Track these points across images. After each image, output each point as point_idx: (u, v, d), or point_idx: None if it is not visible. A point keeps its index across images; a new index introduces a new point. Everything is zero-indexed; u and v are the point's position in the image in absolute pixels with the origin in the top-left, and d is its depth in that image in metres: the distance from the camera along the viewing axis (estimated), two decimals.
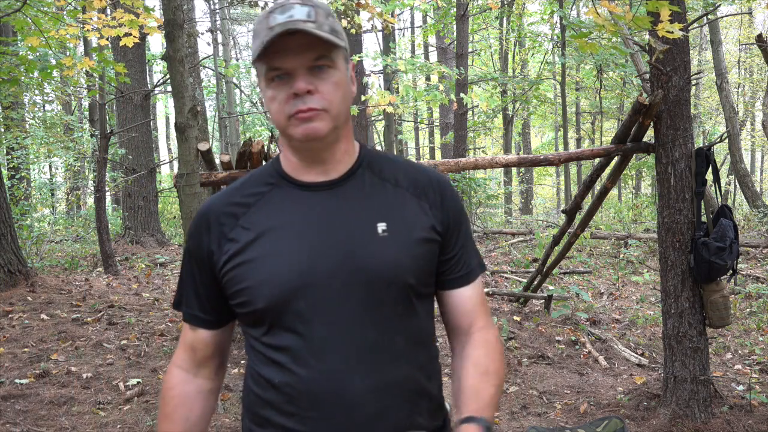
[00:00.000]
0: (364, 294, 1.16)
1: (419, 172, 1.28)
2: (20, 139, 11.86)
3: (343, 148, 1.23)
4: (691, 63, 3.61)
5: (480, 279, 1.31)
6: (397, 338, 1.18)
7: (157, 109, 22.17)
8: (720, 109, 14.69)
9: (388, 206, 1.21)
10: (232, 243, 1.20)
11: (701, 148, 3.44)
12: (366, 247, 1.16)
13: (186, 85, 3.60)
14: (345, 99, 1.18)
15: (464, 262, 1.27)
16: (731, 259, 3.38)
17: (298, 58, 1.13)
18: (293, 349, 1.16)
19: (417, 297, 1.21)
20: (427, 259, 1.21)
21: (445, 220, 1.24)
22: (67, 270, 8.18)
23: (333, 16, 1.17)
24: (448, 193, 1.27)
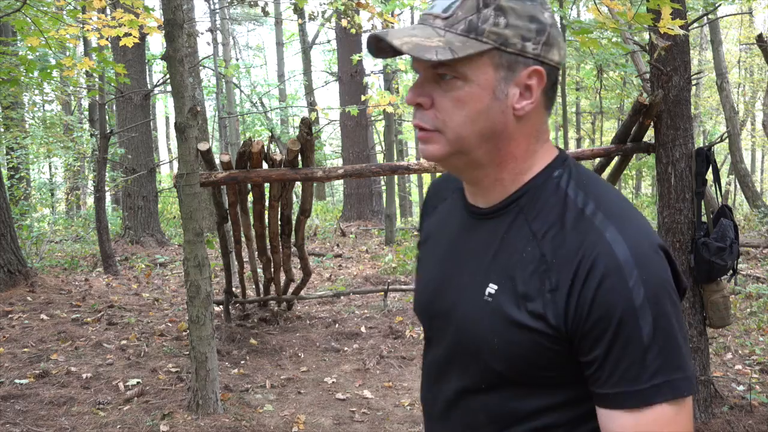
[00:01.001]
0: (453, 351, 1.02)
1: (580, 233, 0.90)
2: (20, 139, 11.86)
3: (493, 176, 0.97)
4: (691, 63, 3.61)
5: (655, 410, 0.87)
6: (477, 409, 1.00)
7: (157, 109, 22.18)
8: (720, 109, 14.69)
9: (511, 266, 0.94)
10: (422, 232, 1.18)
11: (701, 148, 3.44)
12: (467, 305, 0.99)
13: (186, 85, 3.60)
14: (476, 120, 0.92)
15: (613, 377, 0.87)
16: (731, 259, 3.38)
17: (420, 62, 0.93)
18: (423, 356, 1.17)
19: (516, 384, 0.96)
20: (527, 348, 0.92)
21: (573, 314, 0.88)
22: (67, 270, 8.18)
23: (495, 4, 0.90)
24: (597, 278, 0.87)
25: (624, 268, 0.86)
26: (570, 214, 0.93)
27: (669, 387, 0.87)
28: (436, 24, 0.91)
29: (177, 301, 6.44)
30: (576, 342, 0.90)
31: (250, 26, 24.15)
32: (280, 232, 5.06)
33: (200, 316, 3.63)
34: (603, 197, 0.94)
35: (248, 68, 18.88)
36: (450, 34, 0.90)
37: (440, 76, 0.92)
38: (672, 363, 0.87)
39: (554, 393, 0.95)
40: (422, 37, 0.90)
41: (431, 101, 0.94)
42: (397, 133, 15.08)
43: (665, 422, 0.87)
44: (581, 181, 0.96)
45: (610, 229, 0.89)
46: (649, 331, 0.86)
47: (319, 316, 5.97)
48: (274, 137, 4.57)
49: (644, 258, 0.88)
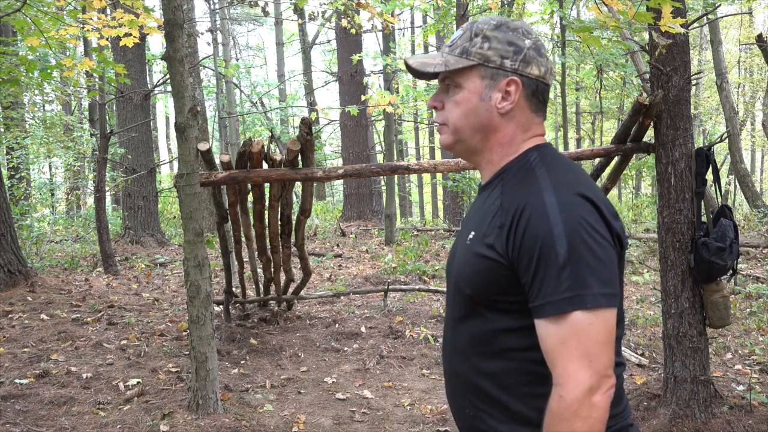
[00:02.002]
0: (451, 290, 1.34)
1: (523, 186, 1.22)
2: (20, 139, 11.86)
3: (487, 158, 1.32)
4: (691, 63, 3.61)
5: (572, 317, 1.10)
6: (462, 337, 1.29)
7: (157, 109, 22.17)
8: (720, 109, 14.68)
9: (483, 217, 1.26)
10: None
11: (701, 148, 3.44)
12: (459, 250, 1.32)
13: (186, 85, 3.60)
14: (467, 115, 1.28)
15: (540, 292, 1.13)
16: (731, 259, 3.38)
17: (429, 75, 1.33)
18: None
19: (483, 307, 1.23)
20: (484, 275, 1.20)
21: (512, 246, 1.16)
22: (67, 270, 8.18)
23: (484, 35, 1.27)
24: (526, 216, 1.15)
25: (548, 208, 1.14)
26: (526, 175, 1.24)
27: (578, 299, 1.10)
28: (444, 51, 1.31)
29: (177, 301, 6.44)
30: (515, 267, 1.16)
31: (250, 26, 24.14)
32: (280, 232, 5.06)
33: (200, 316, 3.63)
34: (555, 165, 1.25)
35: (248, 68, 18.86)
36: (449, 56, 1.29)
37: (447, 87, 1.32)
38: (581, 281, 1.10)
39: (514, 318, 1.20)
40: (430, 59, 1.31)
41: (442, 104, 1.33)
42: (397, 133, 15.08)
43: (579, 328, 1.10)
44: (546, 159, 1.26)
45: (545, 182, 1.19)
46: (564, 255, 1.11)
47: (319, 316, 5.97)
48: (274, 137, 4.57)
49: (566, 202, 1.15)
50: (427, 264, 8.20)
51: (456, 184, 10.94)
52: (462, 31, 1.30)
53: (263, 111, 18.38)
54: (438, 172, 4.34)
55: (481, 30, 1.27)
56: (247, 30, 25.21)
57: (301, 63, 19.91)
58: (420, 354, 4.90)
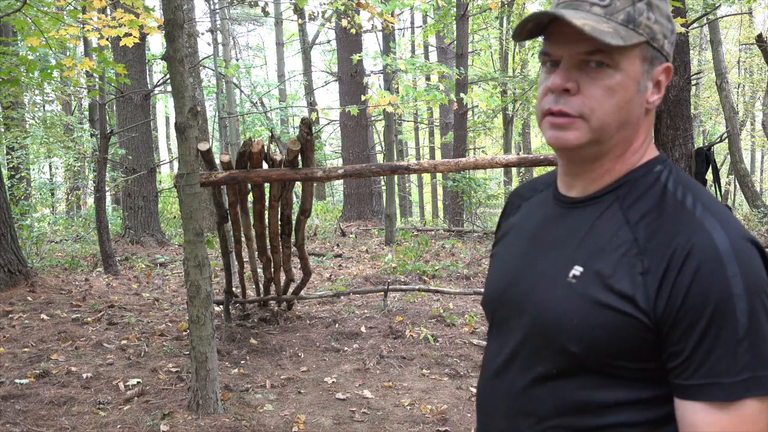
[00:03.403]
0: (526, 334, 1.01)
1: (678, 222, 0.91)
2: (20, 139, 11.87)
3: (607, 166, 0.99)
4: (691, 63, 3.61)
5: (744, 405, 0.85)
6: (543, 398, 0.98)
7: (157, 109, 22.18)
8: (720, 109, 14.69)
9: (598, 250, 0.95)
10: (500, 231, 1.21)
11: (701, 148, 3.44)
12: (548, 287, 0.99)
13: (186, 85, 3.60)
14: (621, 109, 0.94)
15: (703, 368, 0.86)
16: None
17: (568, 47, 0.93)
18: (485, 350, 1.14)
19: (590, 371, 0.93)
20: (607, 331, 0.90)
21: (666, 301, 0.87)
22: (67, 270, 8.18)
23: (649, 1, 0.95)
24: (693, 266, 0.86)
25: (723, 257, 0.86)
26: (669, 203, 0.94)
27: (757, 383, 0.85)
28: (594, 11, 0.92)
29: (177, 301, 6.44)
30: (665, 329, 0.88)
31: (250, 26, 24.15)
32: (280, 232, 5.06)
33: (200, 316, 3.63)
34: (701, 193, 0.95)
35: (248, 68, 18.86)
36: (613, 23, 0.92)
37: (589, 64, 0.93)
38: (762, 359, 0.85)
39: (631, 388, 0.92)
40: (593, 21, 0.90)
41: (578, 87, 0.94)
42: (397, 133, 15.09)
43: (750, 419, 0.85)
44: (681, 178, 0.98)
45: (710, 220, 0.90)
46: (744, 324, 0.85)
47: (319, 316, 5.97)
48: (274, 137, 4.58)
49: (744, 251, 0.88)
50: (427, 264, 8.20)
51: (456, 184, 10.95)
52: None
53: (263, 111, 18.39)
54: (438, 172, 4.34)
55: None
56: (247, 30, 25.22)
57: (301, 63, 19.92)
58: (420, 354, 4.90)
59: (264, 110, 18.55)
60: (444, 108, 14.15)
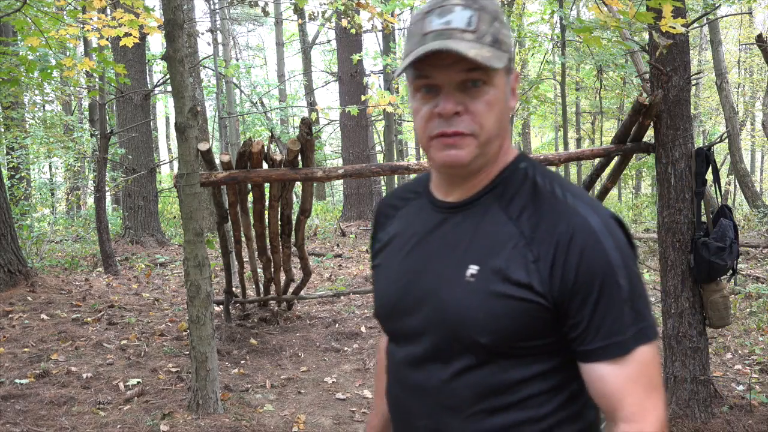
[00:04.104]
0: (435, 335, 1.08)
1: (555, 212, 1.03)
2: (20, 139, 11.86)
3: (486, 170, 1.09)
4: (691, 63, 3.61)
5: (637, 354, 1.00)
6: (462, 390, 1.06)
7: (157, 109, 22.17)
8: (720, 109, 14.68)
9: (490, 246, 1.04)
10: (378, 243, 1.26)
11: (701, 148, 3.44)
12: (447, 289, 1.06)
13: (186, 85, 3.60)
14: (498, 119, 1.05)
15: (600, 333, 0.99)
16: (731, 259, 3.38)
17: (449, 72, 1.01)
18: (389, 361, 1.20)
19: (499, 356, 1.03)
20: (511, 318, 1.00)
21: (560, 281, 0.99)
22: (67, 270, 8.18)
23: (500, 18, 1.04)
24: (578, 248, 0.99)
25: (600, 236, 1.00)
26: (542, 196, 1.05)
27: (643, 333, 1.00)
28: (466, 37, 1.00)
29: (177, 301, 6.44)
30: (564, 306, 1.00)
31: (250, 26, 24.14)
32: (280, 232, 5.06)
33: (200, 316, 3.63)
34: (566, 184, 1.08)
35: (248, 68, 18.85)
36: (486, 46, 1.01)
37: (466, 84, 1.02)
38: (642, 314, 1.01)
39: (534, 363, 1.04)
40: (477, 49, 0.99)
41: (465, 108, 1.02)
42: (397, 133, 15.08)
43: (645, 362, 1.01)
44: (545, 172, 1.10)
45: (581, 206, 1.03)
46: (626, 288, 1.00)
47: (319, 316, 5.97)
48: (274, 137, 4.57)
49: (612, 227, 1.02)
50: None
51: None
52: (473, 11, 1.01)
53: (263, 111, 18.38)
54: None
55: (497, 12, 1.03)
56: (247, 30, 25.22)
57: (301, 63, 19.91)
58: None
59: (264, 110, 18.55)
60: None
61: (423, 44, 1.01)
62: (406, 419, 1.15)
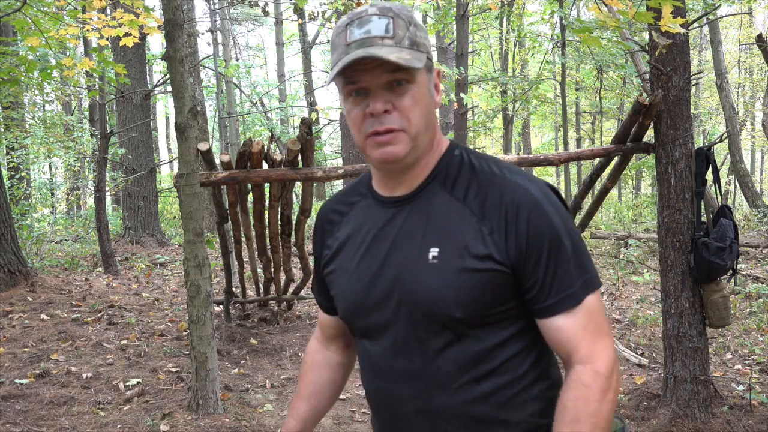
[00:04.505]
0: (410, 321, 1.15)
1: (498, 187, 1.13)
2: (20, 139, 11.86)
3: (423, 162, 1.18)
4: (691, 63, 3.61)
5: (585, 303, 1.12)
6: (446, 366, 1.14)
7: (157, 109, 22.17)
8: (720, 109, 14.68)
9: (445, 228, 1.13)
10: (328, 249, 1.31)
11: (701, 148, 3.44)
12: (414, 274, 1.13)
13: (186, 85, 3.60)
14: (425, 113, 1.14)
15: (553, 289, 1.11)
16: (731, 259, 3.38)
17: (374, 76, 1.10)
18: (363, 358, 1.27)
19: (474, 327, 1.12)
20: (481, 290, 1.10)
21: (514, 248, 1.10)
22: (67, 270, 8.18)
23: (414, 23, 1.13)
24: (525, 216, 1.10)
25: (541, 202, 1.11)
26: (483, 175, 1.15)
27: (589, 283, 1.13)
28: (386, 43, 1.09)
29: (177, 301, 6.44)
30: (519, 270, 1.11)
31: (250, 26, 24.14)
32: (280, 232, 5.06)
33: (200, 316, 3.63)
34: (499, 162, 1.19)
35: (248, 68, 18.85)
36: (405, 49, 1.10)
37: (392, 84, 1.11)
38: (585, 266, 1.13)
39: (505, 328, 1.14)
40: (396, 53, 1.08)
41: (392, 106, 1.11)
42: None
43: (592, 309, 1.12)
44: (477, 154, 1.20)
45: (519, 178, 1.14)
46: (569, 245, 1.12)
47: None
48: (274, 137, 4.57)
49: (549, 194, 1.14)
50: None
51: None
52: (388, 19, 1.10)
53: (263, 111, 18.38)
54: None
55: (411, 18, 1.13)
56: (247, 30, 25.21)
57: (301, 63, 19.91)
58: None
59: (264, 110, 18.55)
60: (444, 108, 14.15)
61: (347, 53, 1.09)
62: (394, 408, 1.20)
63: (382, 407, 1.24)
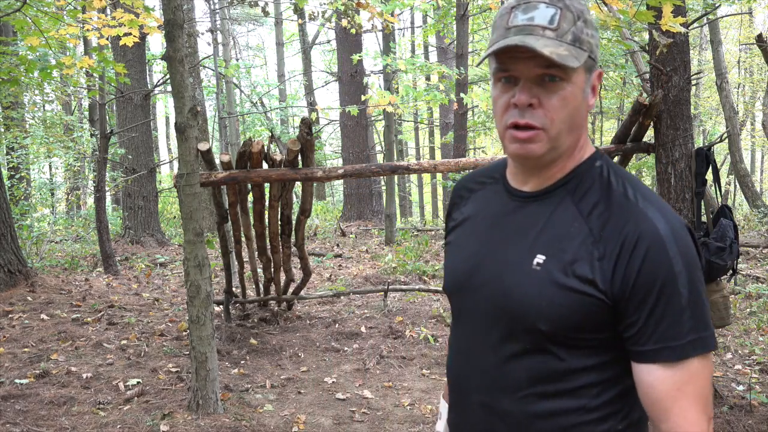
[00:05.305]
0: (496, 317, 1.14)
1: (624, 213, 1.06)
2: (20, 139, 11.86)
3: (560, 165, 1.13)
4: (691, 63, 3.61)
5: (690, 362, 1.02)
6: (517, 372, 1.11)
7: (157, 109, 22.16)
8: (720, 109, 14.68)
9: (558, 239, 1.08)
10: (453, 222, 1.32)
11: (701, 148, 3.44)
12: (514, 274, 1.11)
13: (186, 85, 3.60)
14: (573, 116, 1.09)
15: (655, 335, 1.02)
16: (731, 259, 3.38)
17: (527, 66, 1.06)
18: (452, 333, 1.27)
19: (556, 344, 1.08)
20: (573, 310, 1.05)
21: (621, 281, 1.03)
22: (67, 270, 8.18)
23: (584, 18, 1.08)
24: (642, 251, 1.02)
25: (666, 241, 1.02)
26: (614, 195, 1.09)
27: (701, 343, 1.02)
28: (547, 35, 1.05)
29: (177, 301, 6.44)
30: (622, 304, 1.03)
31: (250, 26, 24.14)
32: (280, 232, 5.06)
33: (200, 316, 3.63)
34: (639, 186, 1.11)
35: (248, 68, 18.85)
36: (565, 44, 1.05)
37: (543, 79, 1.06)
38: (702, 322, 1.03)
39: (591, 356, 1.08)
40: (553, 47, 1.04)
41: (539, 101, 1.07)
42: (397, 133, 15.08)
43: (696, 373, 1.02)
44: (619, 172, 1.13)
45: (651, 209, 1.06)
46: (686, 295, 1.02)
47: (319, 316, 5.97)
48: (274, 137, 4.57)
49: (680, 234, 1.04)
50: (427, 264, 8.20)
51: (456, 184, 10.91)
52: (556, 9, 1.05)
53: (263, 111, 18.38)
54: (438, 172, 4.34)
55: (581, 12, 1.07)
56: (247, 30, 25.21)
57: (301, 63, 19.91)
58: (420, 354, 4.90)
59: (264, 110, 18.55)
60: (444, 108, 14.15)
61: (505, 38, 1.06)
62: (464, 392, 1.20)
63: (454, 386, 1.25)
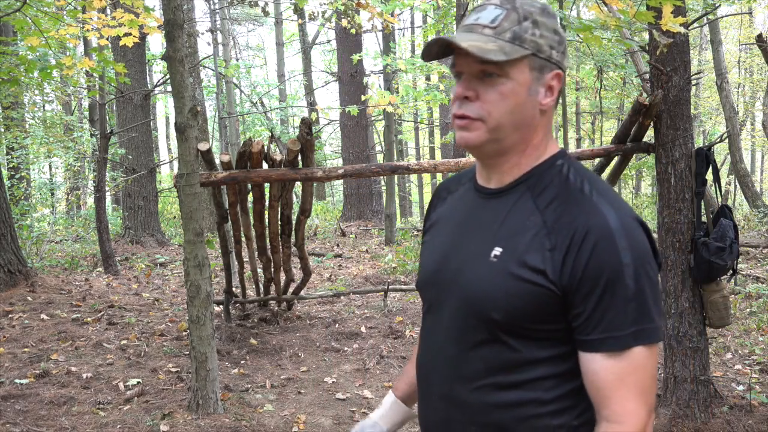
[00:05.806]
0: (456, 308, 1.18)
1: (577, 206, 1.10)
2: (20, 139, 11.86)
3: (514, 161, 1.17)
4: (691, 63, 3.61)
5: (633, 352, 1.05)
6: (475, 362, 1.15)
7: (157, 109, 22.16)
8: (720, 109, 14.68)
9: (514, 232, 1.12)
10: (428, 222, 1.38)
11: (701, 148, 3.44)
12: (473, 267, 1.16)
13: (186, 85, 3.60)
14: (515, 112, 1.12)
15: (600, 325, 1.05)
16: (731, 259, 3.38)
17: (467, 61, 1.13)
18: (422, 327, 1.31)
19: (511, 335, 1.11)
20: (525, 301, 1.08)
21: (569, 273, 1.06)
22: (67, 270, 8.18)
23: (534, 19, 1.12)
24: (590, 243, 1.05)
25: (614, 234, 1.05)
26: (570, 190, 1.12)
27: (643, 334, 1.05)
28: (485, 32, 1.11)
29: (177, 301, 6.44)
30: (570, 295, 1.07)
31: (250, 26, 24.13)
32: (280, 232, 5.06)
33: (200, 316, 3.63)
34: (596, 182, 1.15)
35: (248, 68, 18.84)
36: (500, 41, 1.10)
37: (485, 74, 1.12)
38: (646, 315, 1.05)
39: (545, 347, 1.11)
40: (481, 42, 1.09)
41: (476, 94, 1.13)
42: (397, 133, 15.07)
43: (639, 364, 1.05)
44: (579, 170, 1.17)
45: (603, 204, 1.09)
46: (632, 287, 1.04)
47: (319, 316, 5.97)
48: (274, 137, 4.57)
49: (629, 228, 1.07)
50: None
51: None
52: (503, 10, 1.12)
53: (263, 111, 18.38)
54: (438, 172, 4.34)
55: (530, 13, 1.12)
56: (247, 30, 25.21)
57: (301, 63, 19.91)
58: None
59: (264, 110, 18.55)
60: (444, 108, 14.15)
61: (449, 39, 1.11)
62: (427, 384, 1.25)
63: (420, 380, 1.28)
